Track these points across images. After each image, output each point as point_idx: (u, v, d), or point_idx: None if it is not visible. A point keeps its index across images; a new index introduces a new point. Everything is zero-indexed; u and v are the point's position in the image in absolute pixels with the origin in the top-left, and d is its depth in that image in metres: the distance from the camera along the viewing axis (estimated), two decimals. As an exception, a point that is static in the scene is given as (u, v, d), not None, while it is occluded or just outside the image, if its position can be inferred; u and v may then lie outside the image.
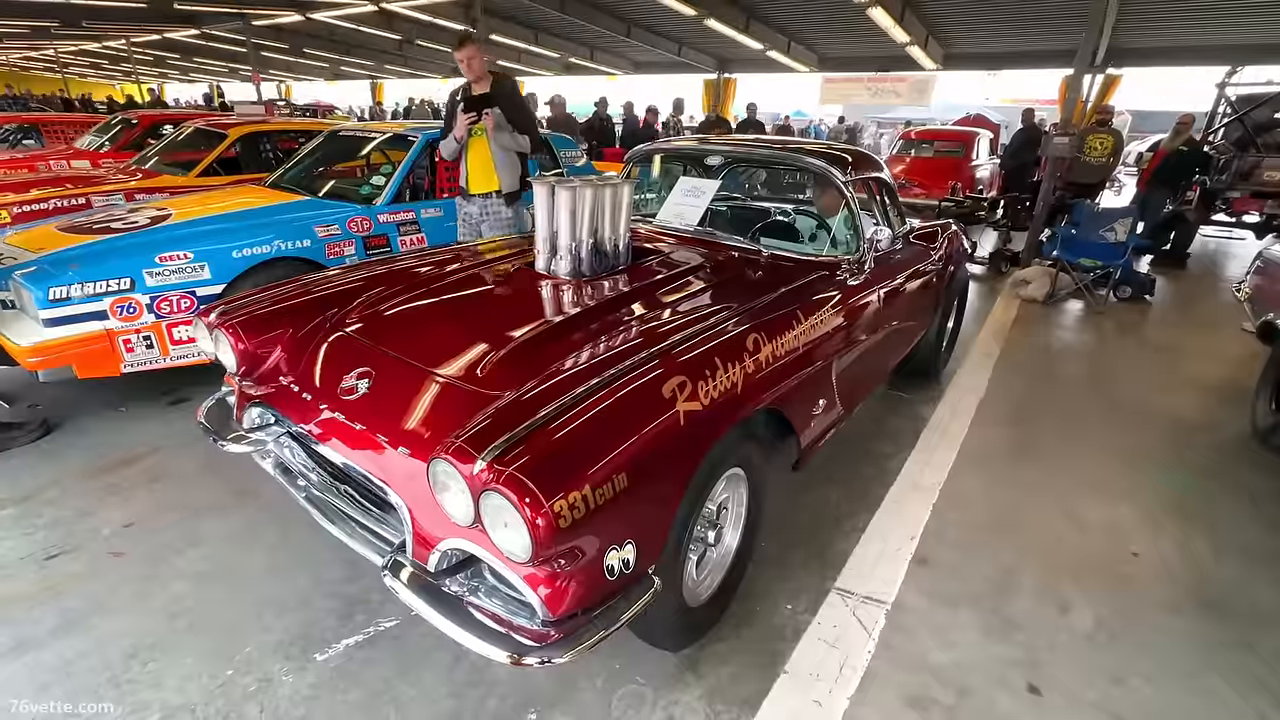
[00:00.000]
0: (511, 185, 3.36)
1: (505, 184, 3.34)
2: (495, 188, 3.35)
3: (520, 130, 3.31)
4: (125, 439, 2.72)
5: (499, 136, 3.23)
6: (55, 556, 2.02)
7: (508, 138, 3.26)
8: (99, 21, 14.32)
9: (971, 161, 9.17)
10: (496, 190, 3.35)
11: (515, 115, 3.28)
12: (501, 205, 3.39)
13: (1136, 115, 19.84)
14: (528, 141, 3.36)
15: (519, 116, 3.31)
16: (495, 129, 3.20)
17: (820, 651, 1.74)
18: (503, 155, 3.29)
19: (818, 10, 10.47)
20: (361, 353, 1.70)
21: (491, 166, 3.30)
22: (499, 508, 1.12)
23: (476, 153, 3.32)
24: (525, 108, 3.42)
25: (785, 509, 2.36)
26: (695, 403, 1.41)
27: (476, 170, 3.35)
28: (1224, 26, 9.10)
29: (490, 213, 3.42)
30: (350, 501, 1.62)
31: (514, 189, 3.38)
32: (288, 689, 1.58)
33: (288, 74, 24.89)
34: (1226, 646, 1.83)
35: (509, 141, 3.27)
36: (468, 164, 3.36)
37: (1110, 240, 5.38)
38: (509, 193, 3.37)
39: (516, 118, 3.29)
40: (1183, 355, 4.26)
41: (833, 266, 2.31)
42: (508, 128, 3.26)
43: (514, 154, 3.33)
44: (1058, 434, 3.06)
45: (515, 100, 3.33)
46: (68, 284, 2.56)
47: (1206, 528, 2.38)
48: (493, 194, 3.37)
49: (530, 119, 3.41)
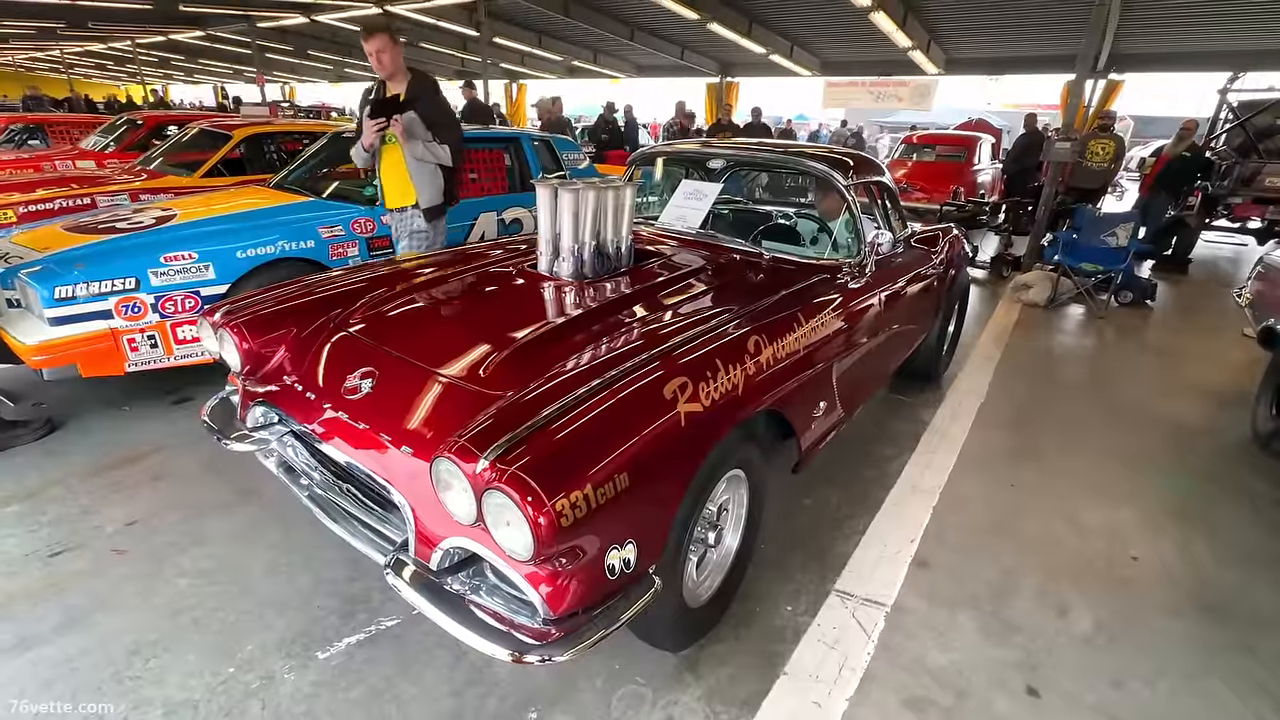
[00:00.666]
0: (431, 199, 2.98)
1: (423, 198, 2.95)
2: (411, 201, 2.98)
3: (441, 139, 2.91)
4: (129, 438, 2.73)
5: (412, 145, 2.82)
6: (59, 554, 2.03)
7: (421, 147, 2.85)
8: (105, 22, 14.39)
9: (973, 166, 9.19)
10: (414, 204, 2.98)
11: (435, 121, 2.89)
12: (418, 219, 3.01)
13: (1139, 121, 19.85)
14: (447, 153, 2.93)
15: (439, 123, 2.91)
16: (407, 138, 2.81)
17: (820, 653, 1.75)
18: (417, 166, 2.90)
19: (820, 15, 10.49)
20: (365, 353, 1.71)
21: (407, 178, 2.92)
22: (501, 506, 1.13)
23: (390, 162, 2.95)
24: (447, 112, 3.02)
25: (785, 511, 2.37)
26: (696, 404, 1.42)
27: (391, 182, 2.99)
28: (1226, 32, 9.11)
29: (406, 227, 3.07)
30: (353, 500, 1.63)
31: (433, 203, 2.99)
32: (289, 687, 1.59)
33: (292, 76, 24.97)
34: (1227, 650, 1.83)
35: (423, 152, 2.86)
36: (380, 174, 3.01)
37: (1112, 245, 5.39)
38: (428, 207, 2.99)
39: (437, 124, 2.89)
40: (1184, 360, 4.26)
41: (834, 270, 2.32)
42: (423, 135, 2.85)
43: (431, 165, 2.93)
44: (1058, 438, 3.07)
45: (435, 104, 2.92)
46: (73, 283, 2.58)
47: (1207, 532, 2.39)
48: (408, 208, 3.01)
49: (453, 126, 2.98)
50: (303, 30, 15.15)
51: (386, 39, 2.73)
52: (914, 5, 9.60)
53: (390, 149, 2.93)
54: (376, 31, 2.72)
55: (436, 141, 2.89)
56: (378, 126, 2.78)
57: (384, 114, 2.76)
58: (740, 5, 10.49)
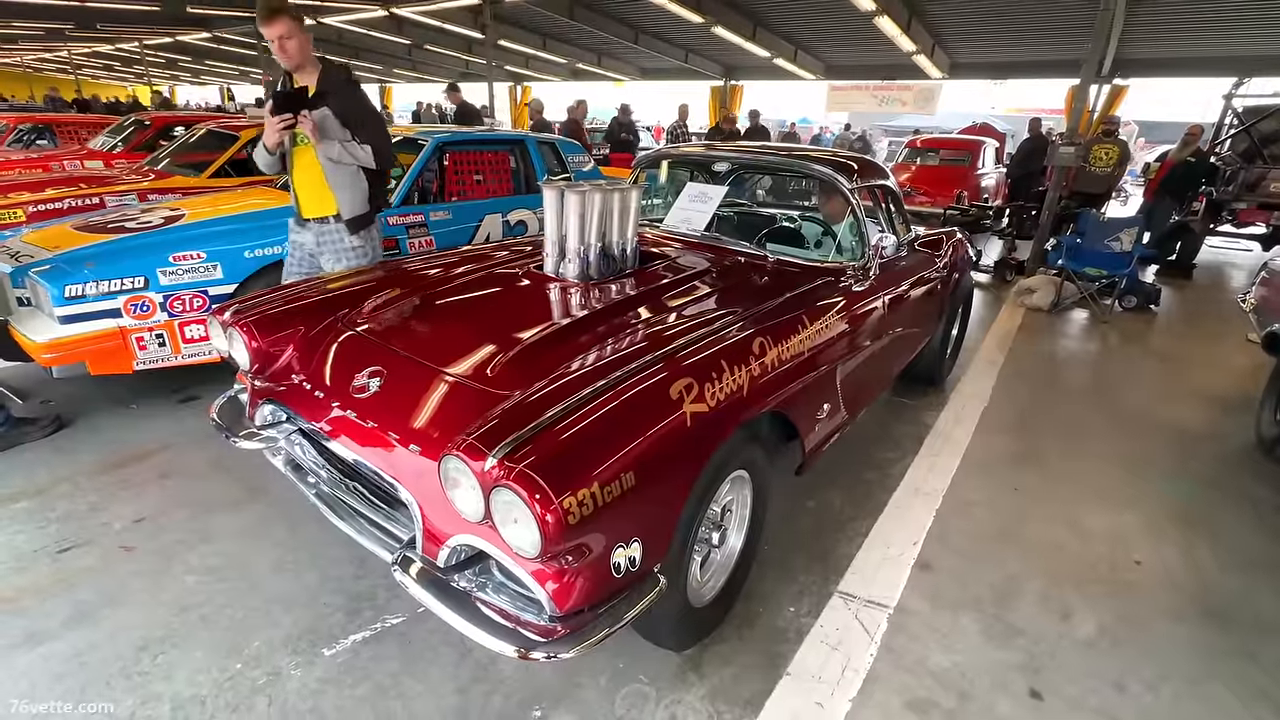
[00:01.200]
0: (353, 207, 2.59)
1: (344, 206, 2.57)
2: (332, 211, 2.59)
3: (362, 138, 2.54)
4: (136, 435, 2.75)
5: (327, 146, 2.46)
6: (68, 550, 2.05)
7: (338, 149, 2.47)
8: (113, 24, 14.48)
9: (977, 170, 9.20)
10: (335, 214, 2.60)
11: (353, 118, 2.53)
12: (342, 232, 2.62)
13: (1143, 126, 19.84)
14: (369, 154, 2.55)
15: (359, 120, 2.55)
16: (321, 137, 2.44)
17: (823, 654, 1.75)
18: (335, 170, 2.52)
19: (825, 19, 10.52)
20: (373, 352, 1.73)
21: (325, 184, 2.54)
22: (509, 504, 1.15)
23: (303, 166, 2.55)
24: (367, 108, 2.64)
25: (789, 512, 2.38)
26: (702, 404, 1.43)
27: (306, 188, 2.59)
28: (1231, 38, 9.11)
29: (328, 242, 2.64)
30: (360, 498, 1.64)
31: (357, 212, 2.61)
32: (296, 683, 1.60)
33: (297, 77, 25.05)
34: (1229, 655, 1.84)
35: (339, 153, 2.48)
36: (293, 180, 2.61)
37: (1116, 250, 5.39)
38: (352, 218, 2.60)
39: (355, 122, 2.54)
40: (1187, 365, 4.26)
41: (838, 272, 2.34)
42: (340, 135, 2.49)
43: (352, 167, 2.56)
44: (1061, 442, 3.07)
45: (353, 98, 2.56)
46: (83, 282, 2.60)
47: (1210, 537, 2.39)
48: (329, 219, 2.61)
49: (376, 123, 2.62)
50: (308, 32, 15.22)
51: (291, 23, 2.37)
52: (918, 10, 9.62)
53: (302, 151, 2.54)
54: (278, 14, 2.34)
55: (356, 141, 2.54)
56: (283, 123, 2.37)
57: (290, 109, 2.37)
58: (745, 9, 10.52)
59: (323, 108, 2.45)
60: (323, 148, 2.47)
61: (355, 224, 2.63)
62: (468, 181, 4.04)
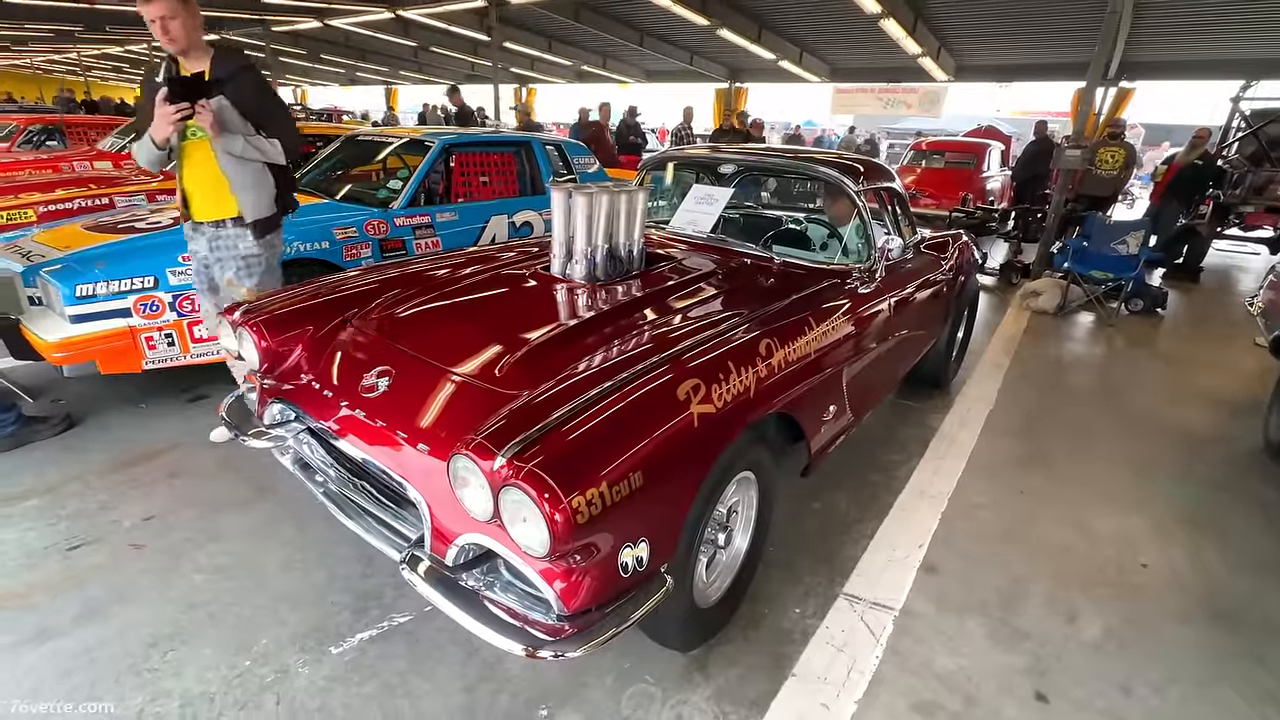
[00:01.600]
0: (259, 209, 2.35)
1: (248, 207, 2.32)
2: (232, 213, 2.33)
3: (269, 132, 2.31)
4: (146, 434, 2.77)
5: (228, 140, 2.21)
6: (78, 547, 2.06)
7: (241, 143, 2.23)
8: (122, 26, 14.59)
9: (983, 173, 9.19)
10: (234, 217, 2.34)
11: (257, 109, 2.28)
12: (243, 236, 2.36)
13: (1150, 129, 19.78)
14: (279, 149, 2.33)
15: (264, 111, 2.31)
16: (222, 130, 2.18)
17: (828, 655, 1.75)
18: (237, 167, 2.27)
19: (830, 21, 10.53)
20: (381, 352, 1.74)
21: (223, 182, 2.28)
22: (518, 503, 1.15)
23: (196, 162, 2.28)
24: (272, 97, 2.38)
25: (794, 514, 2.38)
26: (709, 405, 1.44)
27: (199, 188, 2.32)
28: (1239, 41, 9.08)
29: (223, 248, 2.38)
30: (368, 497, 1.65)
31: (263, 214, 2.36)
32: (304, 680, 1.61)
33: (304, 79, 25.21)
34: (1237, 657, 1.83)
35: (244, 148, 2.24)
36: (183, 179, 2.33)
37: (1122, 253, 5.37)
38: (257, 220, 2.35)
39: (260, 113, 2.29)
40: (1194, 368, 4.24)
41: (844, 275, 2.34)
42: (243, 128, 2.24)
43: (256, 164, 2.31)
44: (1068, 444, 3.06)
45: (254, 86, 2.29)
46: (94, 281, 2.62)
47: (1218, 539, 2.38)
48: (227, 222, 2.34)
49: (282, 114, 2.38)
50: (315, 34, 15.32)
51: (172, 1, 2.07)
52: (924, 12, 9.62)
53: (194, 146, 2.26)
54: None
55: (262, 135, 2.30)
56: (179, 113, 2.07)
57: (187, 97, 2.08)
58: (750, 11, 10.54)
59: (219, 97, 2.17)
60: (223, 142, 2.20)
61: (260, 227, 2.38)
62: (474, 183, 4.06)
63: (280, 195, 2.42)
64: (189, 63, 2.21)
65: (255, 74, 2.32)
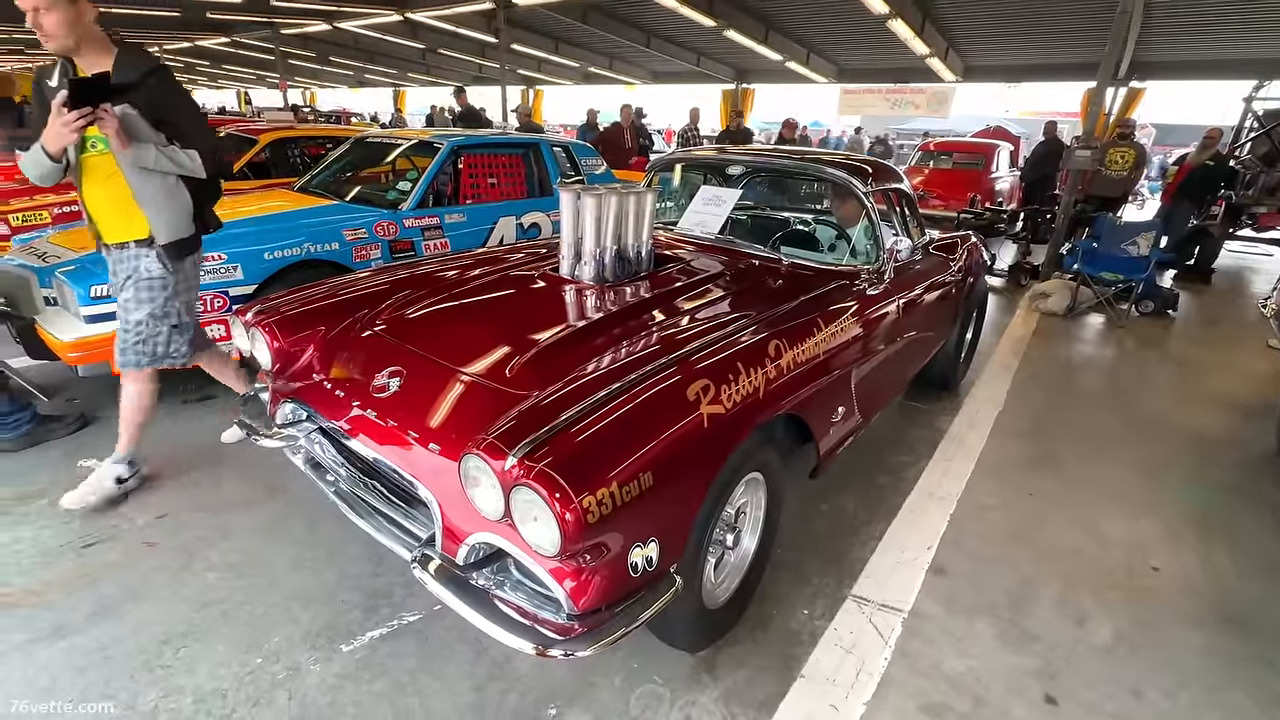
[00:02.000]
0: (176, 229, 2.10)
1: (162, 228, 2.07)
2: (141, 234, 2.08)
3: (184, 140, 2.05)
4: (157, 433, 2.78)
5: (138, 152, 1.94)
6: (92, 545, 2.09)
7: (153, 154, 1.98)
8: (135, 29, 14.73)
9: (991, 174, 9.14)
10: (143, 238, 2.08)
11: (167, 116, 2.02)
12: (147, 259, 2.11)
13: (1161, 129, 19.64)
14: (199, 161, 2.08)
15: (177, 119, 2.05)
16: (130, 140, 1.92)
17: (837, 657, 1.75)
18: (147, 181, 2.02)
19: (837, 22, 10.50)
20: (393, 352, 1.75)
21: (130, 199, 2.02)
22: (529, 502, 1.16)
23: (98, 179, 2.02)
24: (185, 102, 2.12)
25: (803, 516, 2.38)
26: (719, 406, 1.44)
27: (103, 207, 2.06)
28: (1251, 40, 8.99)
29: (126, 270, 2.14)
30: (378, 496, 1.67)
31: (182, 234, 2.12)
32: (315, 678, 1.63)
33: (313, 81, 25.38)
34: (1249, 662, 1.82)
35: (156, 160, 1.99)
36: (85, 198, 2.07)
37: (1133, 254, 5.34)
38: (172, 242, 2.10)
39: (175, 123, 2.04)
40: (1206, 371, 4.21)
41: (852, 276, 2.34)
42: (153, 136, 1.99)
43: (169, 178, 2.06)
44: (1077, 447, 3.05)
45: (164, 90, 2.02)
46: (108, 282, 2.64)
47: (1229, 543, 2.36)
48: (130, 244, 2.09)
49: (198, 122, 2.14)
50: (324, 37, 15.42)
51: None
52: (932, 12, 9.58)
53: (96, 159, 1.99)
54: None
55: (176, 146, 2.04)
56: (80, 118, 1.80)
57: (87, 101, 1.81)
58: (757, 12, 10.53)
59: (123, 104, 1.91)
60: (131, 153, 1.93)
61: (176, 250, 2.11)
62: (482, 185, 4.08)
63: (199, 213, 2.18)
64: (85, 63, 1.94)
65: (166, 76, 2.05)
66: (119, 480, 2.29)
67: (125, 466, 2.32)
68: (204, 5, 11.92)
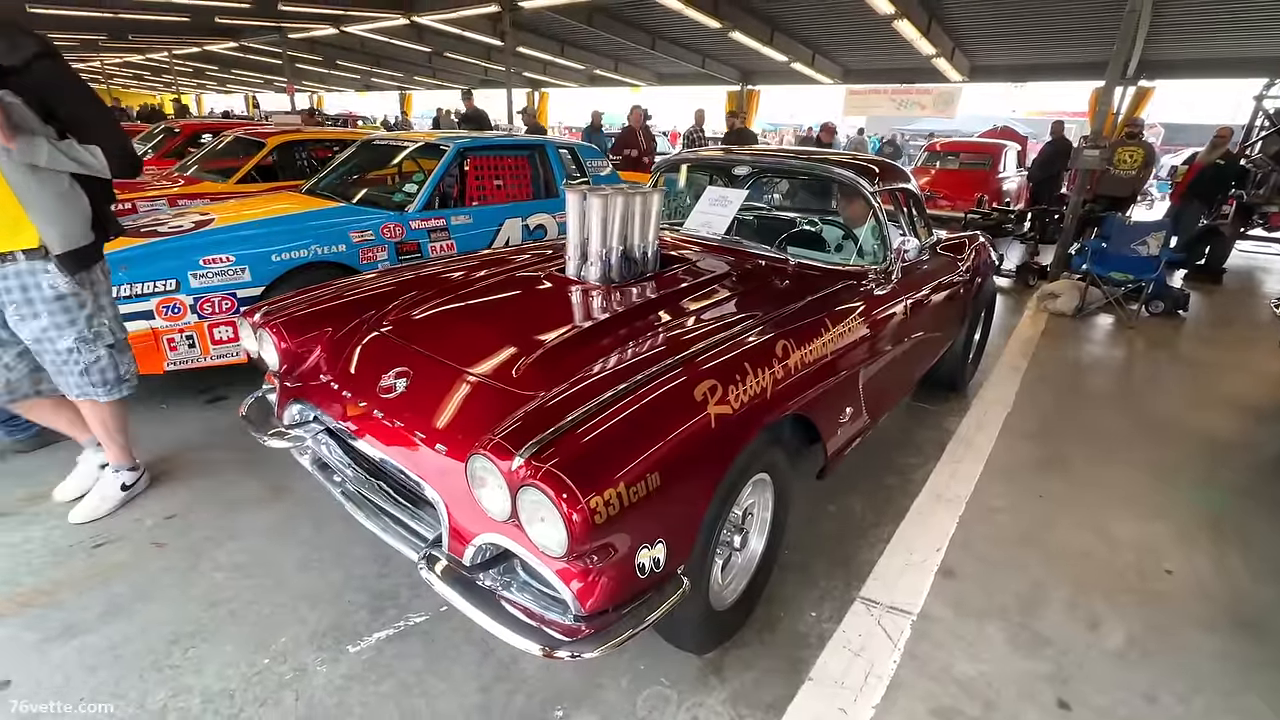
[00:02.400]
0: (72, 237, 1.88)
1: (55, 237, 1.85)
2: (29, 243, 1.84)
3: (83, 135, 1.84)
4: (166, 434, 2.81)
5: (26, 147, 1.72)
6: (102, 545, 2.10)
7: (46, 151, 1.75)
8: (144, 35, 14.89)
9: (998, 174, 9.10)
10: (33, 248, 1.85)
11: (62, 108, 1.81)
12: (50, 276, 1.88)
13: (1170, 128, 19.50)
14: (102, 158, 1.86)
15: (74, 110, 1.84)
16: (15, 134, 1.68)
17: (845, 659, 1.74)
18: (34, 182, 1.78)
19: (843, 22, 10.49)
20: (399, 353, 1.75)
21: (15, 204, 1.79)
22: (536, 503, 1.16)
23: None
24: (83, 90, 1.88)
25: (810, 517, 2.36)
26: (726, 406, 1.44)
27: None
28: (1261, 38, 8.93)
29: (14, 287, 1.88)
30: (385, 497, 1.67)
31: (76, 243, 1.89)
32: (322, 678, 1.63)
33: (320, 85, 25.56)
34: (1264, 667, 1.79)
35: (50, 157, 1.77)
36: None
37: (1142, 254, 5.30)
38: (68, 252, 1.88)
39: (68, 113, 1.82)
40: (1217, 372, 4.17)
41: (859, 276, 2.33)
42: (43, 130, 1.77)
43: (63, 178, 1.84)
44: (1087, 448, 3.02)
45: (57, 76, 1.79)
46: (118, 284, 2.66)
47: (1242, 546, 2.33)
48: (18, 254, 1.84)
49: (101, 114, 1.91)
50: (332, 41, 15.53)
51: None
52: (938, 13, 9.56)
53: None
54: None
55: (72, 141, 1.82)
56: None
57: None
58: (762, 13, 10.54)
59: (5, 91, 1.68)
60: (18, 150, 1.70)
61: (72, 261, 1.87)
62: (488, 186, 4.09)
63: (98, 218, 1.94)
64: None
65: (57, 61, 1.79)
66: (124, 487, 2.30)
67: (128, 473, 2.32)
68: (212, 10, 12.03)
